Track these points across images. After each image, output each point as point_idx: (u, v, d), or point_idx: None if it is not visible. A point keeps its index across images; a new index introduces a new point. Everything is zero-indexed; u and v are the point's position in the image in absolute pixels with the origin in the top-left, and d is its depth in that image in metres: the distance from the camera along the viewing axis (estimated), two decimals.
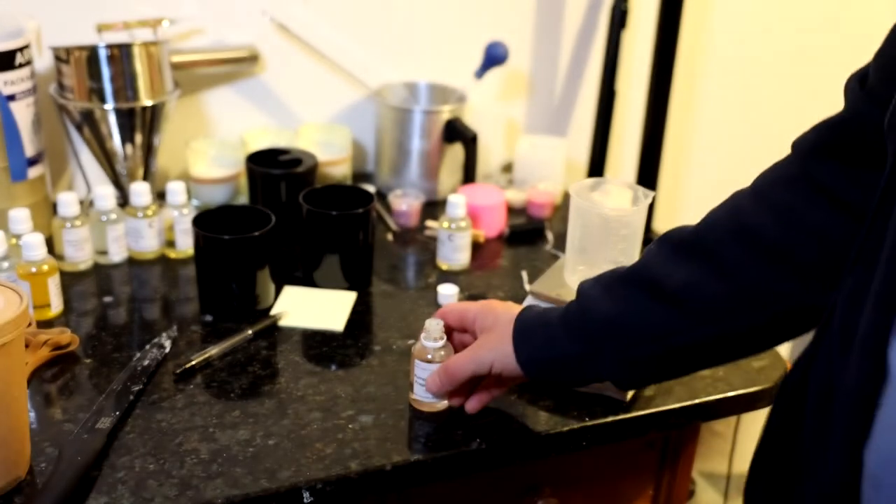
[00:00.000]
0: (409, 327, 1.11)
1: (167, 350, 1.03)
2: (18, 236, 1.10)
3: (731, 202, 0.79)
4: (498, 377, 0.88)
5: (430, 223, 1.38)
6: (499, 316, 0.87)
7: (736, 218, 0.76)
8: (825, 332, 0.62)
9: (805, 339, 0.69)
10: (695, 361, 0.80)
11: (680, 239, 0.79)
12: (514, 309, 0.88)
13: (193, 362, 1.00)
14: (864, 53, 0.75)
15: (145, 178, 1.32)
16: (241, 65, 1.43)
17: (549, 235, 1.38)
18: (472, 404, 0.91)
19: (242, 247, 1.09)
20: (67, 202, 1.16)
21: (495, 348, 0.85)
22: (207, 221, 1.12)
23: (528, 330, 0.84)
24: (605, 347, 0.80)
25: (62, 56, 1.23)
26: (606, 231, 1.04)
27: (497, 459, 0.92)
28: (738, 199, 0.78)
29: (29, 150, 1.23)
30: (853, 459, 0.54)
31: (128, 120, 1.26)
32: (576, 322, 0.82)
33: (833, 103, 0.79)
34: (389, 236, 1.36)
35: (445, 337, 0.93)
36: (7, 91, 1.18)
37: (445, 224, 1.25)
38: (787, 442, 0.65)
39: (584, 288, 0.83)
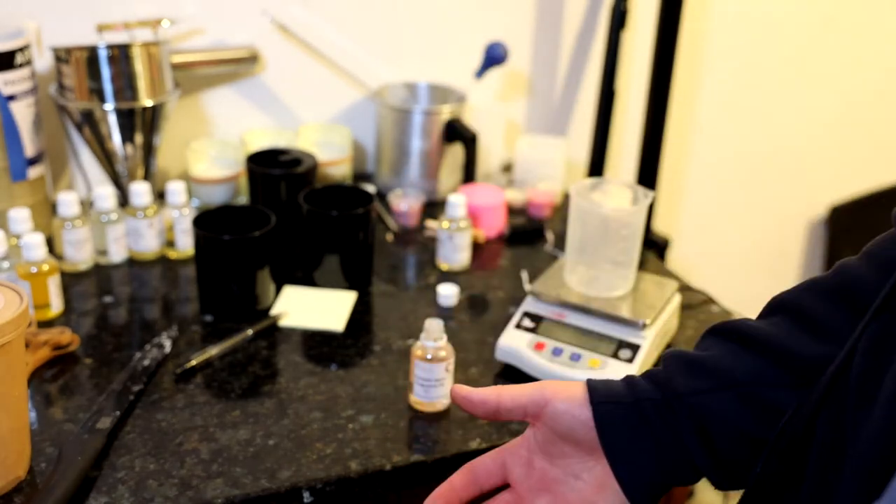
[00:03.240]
0: (409, 327, 1.11)
1: (167, 350, 1.03)
2: (18, 236, 1.10)
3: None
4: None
5: (430, 223, 1.38)
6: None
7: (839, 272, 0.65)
8: (837, 383, 0.56)
9: None
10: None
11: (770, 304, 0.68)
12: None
13: (193, 362, 1.00)
14: (863, 54, 0.75)
15: (145, 178, 1.32)
16: (241, 65, 1.43)
17: (549, 235, 1.38)
18: None
19: (242, 247, 1.09)
20: (67, 202, 1.16)
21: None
22: (207, 221, 1.12)
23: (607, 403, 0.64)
24: (677, 387, 0.63)
25: (62, 56, 1.23)
26: (606, 231, 1.04)
27: None
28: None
29: (29, 150, 1.23)
30: None
31: (128, 120, 1.26)
32: (650, 378, 0.65)
33: (833, 103, 0.79)
34: (389, 236, 1.36)
35: (445, 336, 0.93)
36: (7, 91, 1.18)
37: (445, 224, 1.25)
38: (779, 499, 0.60)
39: (664, 352, 0.69)
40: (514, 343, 1.01)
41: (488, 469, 0.65)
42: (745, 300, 1.38)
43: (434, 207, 1.45)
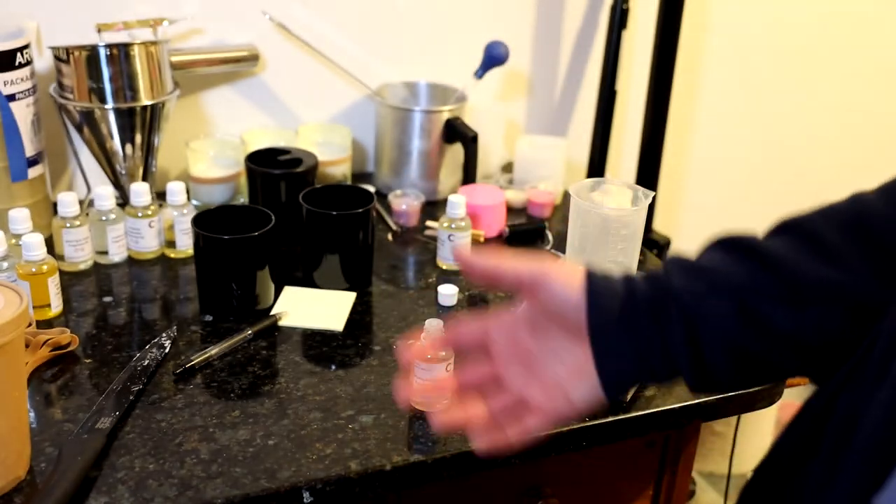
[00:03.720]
0: (409, 327, 1.11)
1: (167, 350, 1.03)
2: (18, 236, 1.10)
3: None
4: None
5: (430, 223, 1.37)
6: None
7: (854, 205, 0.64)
8: (865, 361, 0.56)
9: None
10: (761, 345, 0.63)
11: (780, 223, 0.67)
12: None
13: (193, 362, 1.00)
14: (864, 53, 0.74)
15: (145, 178, 1.32)
16: (241, 65, 1.43)
17: (549, 235, 1.38)
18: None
19: (242, 247, 1.09)
20: (67, 202, 1.16)
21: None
22: (207, 221, 1.12)
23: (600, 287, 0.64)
24: (674, 288, 0.62)
25: (62, 56, 1.23)
26: (606, 231, 1.04)
27: (497, 459, 0.92)
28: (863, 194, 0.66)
29: (29, 150, 1.23)
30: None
31: (128, 120, 1.26)
32: (648, 277, 0.64)
33: (834, 103, 0.79)
34: (389, 236, 1.36)
35: None
36: (7, 91, 1.18)
37: (445, 224, 1.25)
38: (791, 472, 0.60)
39: (667, 257, 0.68)
40: None
41: (471, 334, 0.67)
42: None
43: (434, 207, 1.45)
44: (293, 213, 1.20)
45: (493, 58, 1.46)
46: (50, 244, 1.16)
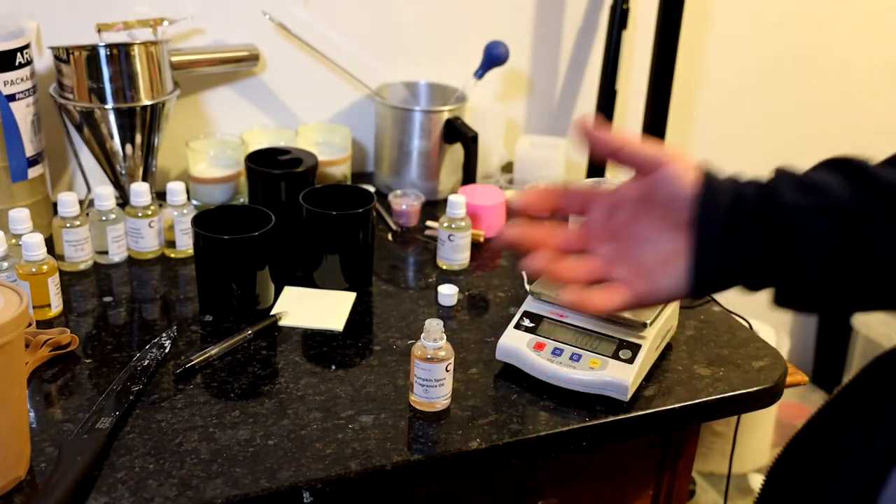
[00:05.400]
0: (409, 327, 1.11)
1: (167, 350, 1.03)
2: (18, 236, 1.10)
3: None
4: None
5: (430, 223, 1.37)
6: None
7: None
8: None
9: None
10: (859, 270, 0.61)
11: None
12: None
13: (193, 362, 1.00)
14: (863, 53, 0.75)
15: (145, 178, 1.32)
16: (241, 65, 1.43)
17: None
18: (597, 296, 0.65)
19: (242, 247, 1.09)
20: (67, 202, 1.16)
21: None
22: (207, 221, 1.12)
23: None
24: (781, 199, 0.61)
25: (62, 56, 1.23)
26: None
27: (497, 459, 0.92)
28: None
29: (29, 150, 1.23)
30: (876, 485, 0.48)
31: (128, 120, 1.26)
32: (758, 184, 0.64)
33: (833, 102, 0.79)
34: (389, 236, 1.36)
35: (445, 337, 0.93)
36: (7, 91, 1.18)
37: (445, 224, 1.25)
38: (830, 441, 0.60)
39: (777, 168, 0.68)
40: (514, 343, 1.01)
41: (574, 195, 0.67)
42: (744, 300, 1.38)
43: (434, 207, 1.45)
44: (293, 213, 1.20)
45: (493, 58, 1.46)
46: (50, 244, 1.16)
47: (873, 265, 0.58)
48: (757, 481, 1.86)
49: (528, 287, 1.06)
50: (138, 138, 1.28)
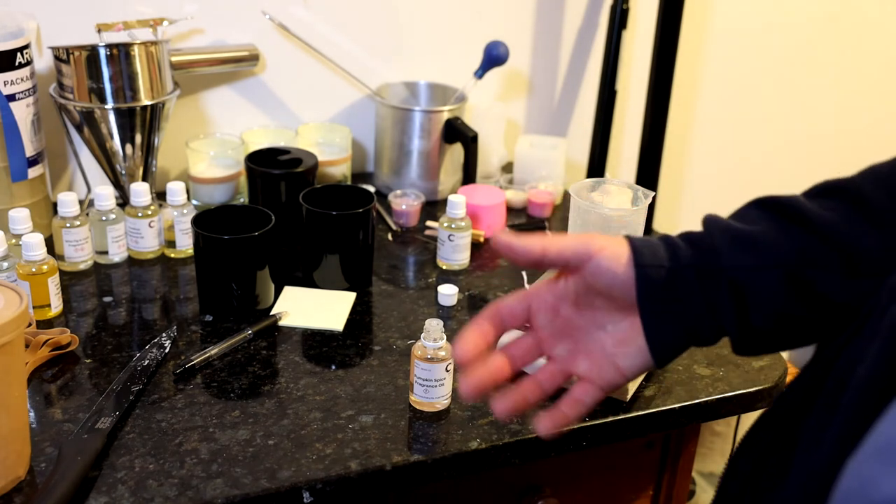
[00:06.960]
0: (409, 327, 1.11)
1: (167, 350, 1.03)
2: (18, 236, 1.10)
3: None
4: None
5: (430, 223, 1.38)
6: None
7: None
8: (867, 317, 0.54)
9: None
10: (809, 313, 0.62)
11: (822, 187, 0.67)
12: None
13: (193, 362, 1.00)
14: (865, 53, 0.75)
15: (145, 178, 1.32)
16: (241, 65, 1.43)
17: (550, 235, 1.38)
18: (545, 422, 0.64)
19: (242, 247, 1.09)
20: (67, 202, 1.16)
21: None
22: (207, 221, 1.12)
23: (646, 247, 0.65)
24: (721, 258, 0.62)
25: (62, 56, 1.23)
26: (606, 231, 1.04)
27: (497, 459, 0.92)
28: None
29: (29, 150, 1.23)
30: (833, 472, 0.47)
31: (128, 120, 1.26)
32: (692, 244, 0.64)
33: (834, 103, 0.79)
34: (389, 236, 1.36)
35: (445, 337, 0.93)
36: (7, 91, 1.18)
37: (445, 224, 1.25)
38: (787, 427, 0.60)
39: (706, 218, 0.68)
40: None
41: (513, 311, 0.66)
42: None
43: (434, 207, 1.45)
44: (293, 213, 1.20)
45: (493, 58, 1.46)
46: (50, 244, 1.16)
47: (821, 303, 0.60)
48: None
49: (527, 287, 1.06)
50: (138, 138, 1.28)
